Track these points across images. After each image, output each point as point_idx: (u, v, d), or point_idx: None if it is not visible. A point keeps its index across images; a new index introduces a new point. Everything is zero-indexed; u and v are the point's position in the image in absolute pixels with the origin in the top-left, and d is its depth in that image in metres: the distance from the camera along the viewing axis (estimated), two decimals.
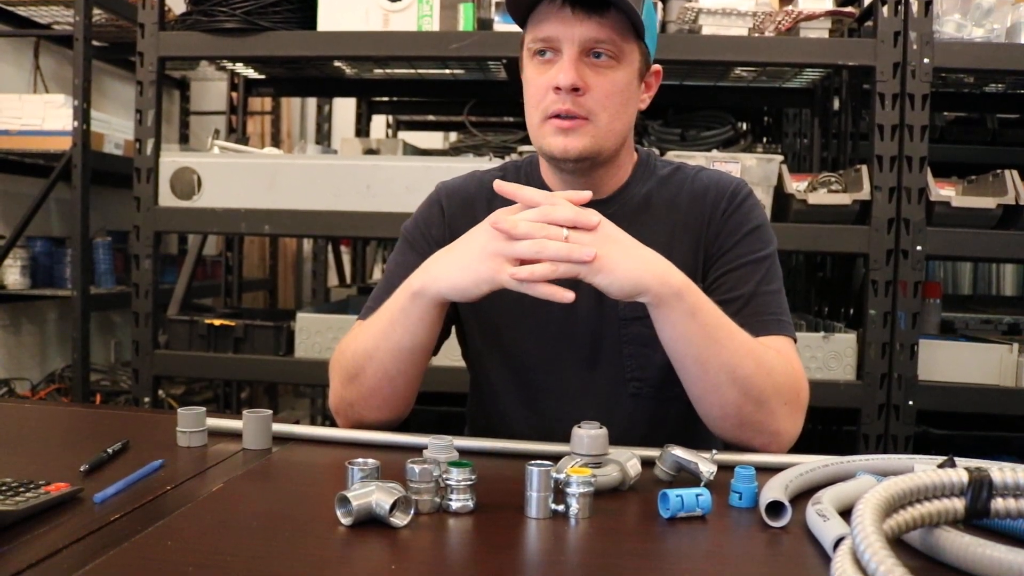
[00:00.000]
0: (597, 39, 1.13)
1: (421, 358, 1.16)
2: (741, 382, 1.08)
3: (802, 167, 2.99)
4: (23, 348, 3.42)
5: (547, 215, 1.02)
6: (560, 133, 1.16)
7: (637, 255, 1.04)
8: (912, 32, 2.09)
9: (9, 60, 3.33)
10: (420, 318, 1.11)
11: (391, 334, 1.13)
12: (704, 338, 1.06)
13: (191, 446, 1.08)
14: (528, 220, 1.02)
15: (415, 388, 1.21)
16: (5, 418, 1.29)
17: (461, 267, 1.06)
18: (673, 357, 1.10)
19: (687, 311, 1.05)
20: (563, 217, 1.02)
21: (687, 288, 1.05)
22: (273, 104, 4.77)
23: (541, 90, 1.17)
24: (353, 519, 0.80)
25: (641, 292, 1.03)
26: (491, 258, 1.04)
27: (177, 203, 2.32)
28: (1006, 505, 0.72)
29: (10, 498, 0.80)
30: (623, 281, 1.02)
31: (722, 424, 1.13)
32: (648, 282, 1.03)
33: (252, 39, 2.27)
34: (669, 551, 0.79)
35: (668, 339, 1.08)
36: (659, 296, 1.04)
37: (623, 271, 1.02)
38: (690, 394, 1.13)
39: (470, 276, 1.05)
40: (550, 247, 1.00)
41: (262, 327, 2.40)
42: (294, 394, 4.97)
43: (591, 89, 1.14)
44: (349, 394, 1.19)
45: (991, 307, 2.98)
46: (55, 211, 3.45)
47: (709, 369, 1.08)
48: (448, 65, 2.75)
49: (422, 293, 1.10)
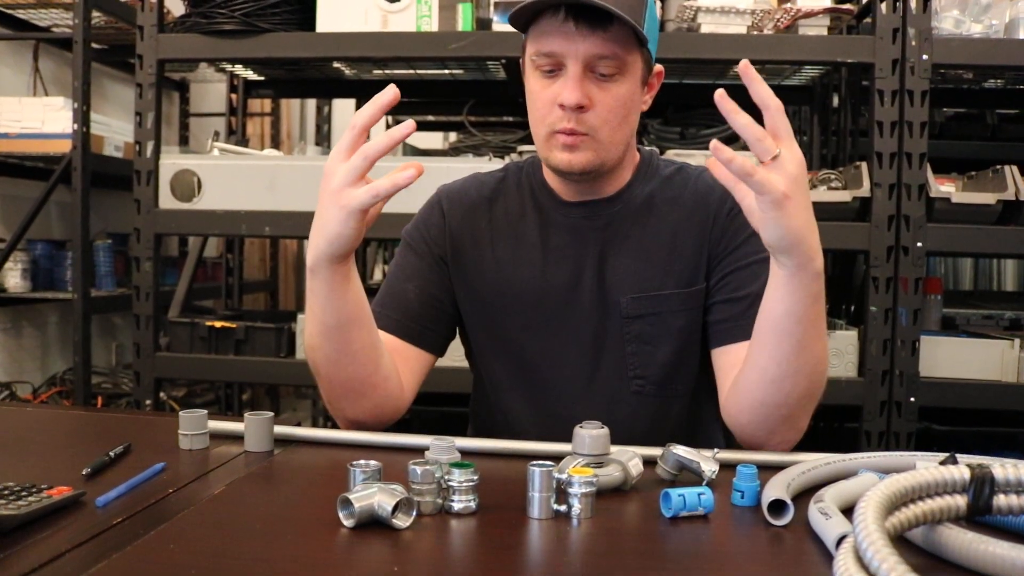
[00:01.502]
0: (601, 55, 1.13)
1: (355, 334, 1.12)
2: (816, 376, 1.08)
3: None
4: (24, 351, 3.42)
5: (356, 120, 1.02)
6: (565, 149, 1.17)
7: (810, 219, 0.98)
8: (911, 28, 2.09)
9: (8, 63, 3.33)
10: (330, 290, 1.08)
11: (314, 318, 1.12)
12: (812, 325, 1.04)
13: (193, 449, 1.08)
14: (348, 130, 1.02)
15: (375, 370, 1.16)
16: (7, 422, 1.29)
17: (323, 220, 1.04)
18: (774, 332, 1.05)
19: (815, 293, 1.01)
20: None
21: (822, 273, 1.01)
22: (272, 106, 4.76)
23: (546, 105, 1.17)
24: (355, 521, 0.80)
25: (793, 251, 0.97)
26: (336, 195, 1.02)
27: (177, 205, 2.32)
28: (1008, 502, 0.72)
29: (12, 502, 0.79)
30: (792, 231, 0.95)
31: (774, 413, 1.09)
32: (805, 247, 0.97)
33: (251, 41, 2.27)
34: (672, 551, 0.79)
35: (782, 314, 1.03)
36: (803, 265, 0.99)
37: (797, 222, 0.95)
38: (763, 376, 1.08)
39: (332, 222, 1.03)
40: (372, 146, 1.00)
41: (263, 329, 2.40)
42: (295, 395, 4.96)
43: (595, 106, 1.14)
44: (322, 391, 1.19)
45: (992, 303, 2.97)
46: (55, 214, 3.45)
47: (802, 354, 1.05)
48: (447, 65, 2.75)
49: (315, 265, 1.07)
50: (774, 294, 1.03)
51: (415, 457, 0.90)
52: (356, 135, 1.02)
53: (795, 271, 0.99)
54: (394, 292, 1.28)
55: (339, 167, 1.02)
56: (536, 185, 1.31)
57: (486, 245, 1.30)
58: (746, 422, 1.12)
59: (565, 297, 1.26)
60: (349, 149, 1.02)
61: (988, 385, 2.17)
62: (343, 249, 1.05)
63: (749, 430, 1.13)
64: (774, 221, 0.95)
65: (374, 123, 1.02)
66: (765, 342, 1.07)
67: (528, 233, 1.29)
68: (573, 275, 1.26)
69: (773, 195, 0.93)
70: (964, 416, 2.78)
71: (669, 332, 1.24)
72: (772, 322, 1.05)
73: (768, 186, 0.92)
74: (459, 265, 1.30)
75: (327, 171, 1.03)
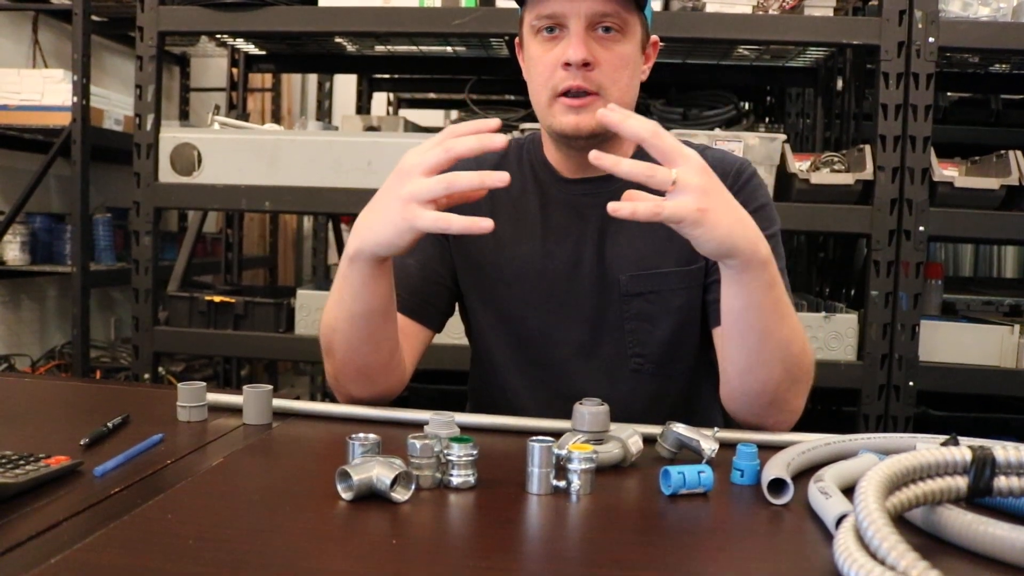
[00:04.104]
0: (604, 12, 1.12)
1: (379, 323, 1.12)
2: (790, 359, 1.07)
3: (804, 147, 2.98)
4: (23, 324, 3.42)
5: (452, 132, 0.99)
6: (571, 111, 1.15)
7: (737, 216, 0.98)
8: (917, 11, 2.08)
9: (8, 35, 3.31)
10: (363, 282, 1.07)
11: (342, 303, 1.11)
12: (773, 312, 1.03)
13: (191, 421, 1.07)
14: (427, 149, 0.99)
15: (390, 358, 1.16)
16: (5, 392, 1.29)
17: (382, 221, 1.01)
18: (736, 327, 1.06)
19: (768, 282, 1.01)
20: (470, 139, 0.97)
21: (770, 258, 1.01)
22: (274, 81, 4.74)
23: (549, 67, 1.16)
24: (354, 494, 0.80)
25: (733, 254, 0.97)
26: (404, 205, 0.98)
27: (177, 179, 2.31)
28: (1009, 483, 0.71)
29: (10, 471, 0.79)
30: (723, 239, 0.95)
31: (756, 400, 1.10)
32: (743, 246, 0.97)
33: (253, 14, 2.25)
34: (670, 528, 0.79)
35: (740, 308, 1.03)
36: (748, 262, 0.99)
37: (725, 229, 0.95)
38: (735, 367, 1.09)
39: (390, 228, 1.00)
40: (460, 180, 0.96)
41: (262, 304, 2.39)
42: (294, 371, 4.98)
43: (601, 64, 1.14)
44: (331, 368, 1.18)
45: (992, 289, 2.98)
46: (55, 187, 3.44)
47: (769, 343, 1.05)
48: (450, 42, 2.73)
49: (356, 256, 1.06)
50: (728, 291, 1.03)
51: (414, 431, 0.90)
52: (447, 159, 0.97)
53: (741, 267, 0.99)
54: (395, 267, 1.27)
55: (419, 178, 0.97)
56: (537, 162, 1.30)
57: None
58: (736, 408, 1.14)
59: (565, 274, 1.25)
60: (435, 167, 0.97)
61: (987, 370, 2.17)
62: (390, 253, 1.04)
63: (740, 415, 1.14)
64: (702, 237, 0.95)
65: (470, 156, 0.98)
66: (731, 335, 1.07)
67: (528, 210, 1.28)
68: (573, 252, 1.25)
69: (688, 218, 0.93)
70: (961, 401, 2.78)
71: (668, 310, 1.23)
72: (733, 317, 1.05)
73: (679, 212, 0.92)
74: (460, 241, 1.29)
75: (405, 170, 0.99)
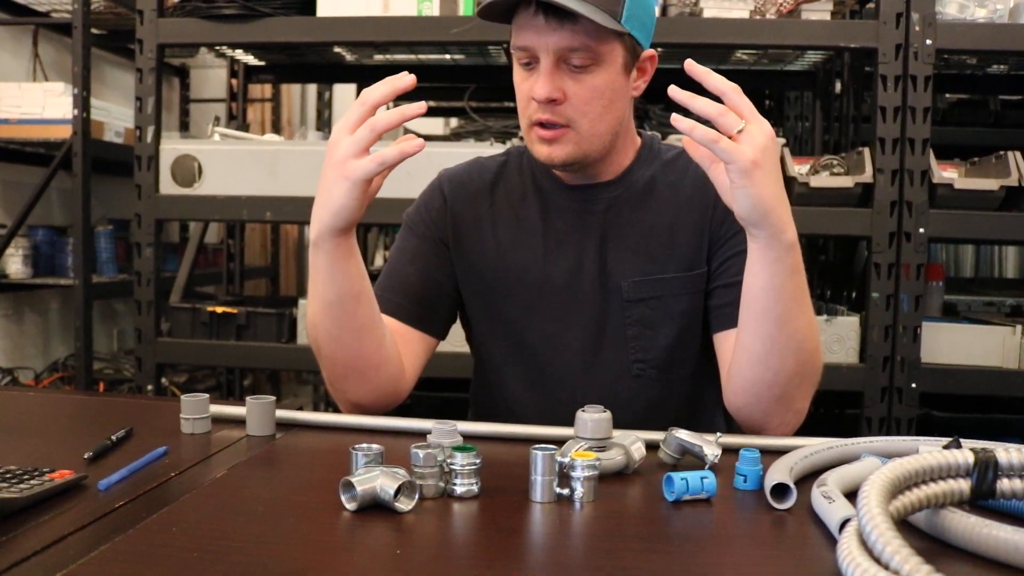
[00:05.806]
0: (571, 47, 1.12)
1: (353, 308, 1.12)
2: (803, 353, 1.07)
3: (803, 150, 2.98)
4: (26, 337, 3.42)
5: (365, 92, 1.03)
6: (543, 142, 1.17)
7: (780, 190, 1.00)
8: (914, 13, 2.08)
9: (8, 48, 3.32)
10: (331, 265, 1.09)
11: (316, 294, 1.12)
12: (792, 298, 1.04)
13: (195, 433, 1.07)
14: (346, 115, 1.03)
15: (377, 349, 1.16)
16: (9, 406, 1.29)
17: (328, 192, 1.05)
18: (755, 308, 1.06)
19: (791, 266, 1.02)
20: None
21: (796, 245, 1.02)
22: (273, 91, 4.75)
23: (524, 98, 1.18)
24: (357, 504, 0.80)
25: (764, 222, 0.99)
26: (341, 166, 1.02)
27: (178, 191, 2.31)
28: (1012, 486, 0.71)
29: (15, 485, 0.79)
30: (760, 200, 0.97)
31: (765, 393, 1.09)
32: (774, 219, 0.99)
33: (251, 25, 2.26)
34: (674, 534, 0.79)
35: (760, 288, 1.04)
36: (775, 236, 1.00)
37: (767, 191, 0.96)
38: (749, 356, 1.09)
39: (337, 192, 1.03)
40: (380, 120, 1.01)
41: (264, 314, 2.40)
42: (297, 381, 4.97)
43: (569, 98, 1.14)
44: (323, 370, 1.19)
45: (993, 289, 2.97)
46: (56, 200, 3.44)
47: (785, 330, 1.05)
48: (448, 50, 2.74)
49: (318, 238, 1.08)
50: (751, 268, 1.05)
51: (417, 441, 0.90)
52: (364, 111, 1.02)
53: (768, 242, 1.01)
54: (395, 275, 1.28)
55: (344, 139, 1.02)
56: (537, 169, 1.30)
57: (487, 229, 1.29)
58: (742, 404, 1.13)
59: (566, 281, 1.26)
60: (356, 123, 1.02)
61: (989, 371, 2.17)
62: (346, 221, 1.06)
63: (745, 412, 1.14)
64: (743, 190, 0.96)
65: (384, 103, 1.03)
66: (748, 319, 1.08)
67: (529, 217, 1.29)
68: (574, 259, 1.26)
69: (740, 163, 0.94)
70: (965, 403, 2.78)
71: (670, 316, 1.23)
72: (752, 298, 1.06)
73: (734, 153, 0.94)
74: (460, 248, 1.29)
75: (332, 143, 1.04)
